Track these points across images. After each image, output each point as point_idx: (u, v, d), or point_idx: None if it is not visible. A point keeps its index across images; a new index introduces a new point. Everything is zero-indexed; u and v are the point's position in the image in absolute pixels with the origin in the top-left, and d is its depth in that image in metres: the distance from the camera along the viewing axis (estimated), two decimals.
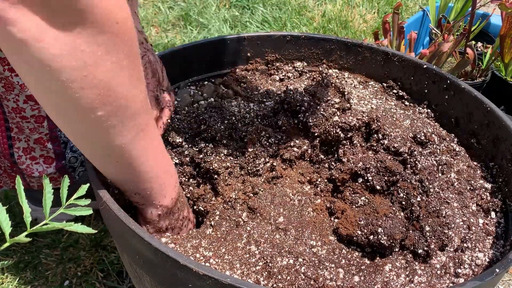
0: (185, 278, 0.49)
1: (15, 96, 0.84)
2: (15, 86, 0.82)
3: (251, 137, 0.72)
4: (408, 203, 0.65)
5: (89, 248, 1.04)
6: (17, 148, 0.92)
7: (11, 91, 0.83)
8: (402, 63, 0.88)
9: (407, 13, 2.15)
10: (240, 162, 0.70)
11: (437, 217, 0.63)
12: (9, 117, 0.87)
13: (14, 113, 0.86)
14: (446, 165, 0.71)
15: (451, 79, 0.81)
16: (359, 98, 0.86)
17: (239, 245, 0.60)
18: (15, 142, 0.91)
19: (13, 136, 0.90)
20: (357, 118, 0.74)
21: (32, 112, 0.88)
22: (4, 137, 0.90)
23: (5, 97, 0.83)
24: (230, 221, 0.64)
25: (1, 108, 0.86)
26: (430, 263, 0.60)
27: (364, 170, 0.68)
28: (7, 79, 0.81)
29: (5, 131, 0.89)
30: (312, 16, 2.06)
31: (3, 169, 0.97)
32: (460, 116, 0.80)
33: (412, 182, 0.67)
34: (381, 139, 0.73)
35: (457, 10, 1.55)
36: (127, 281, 0.98)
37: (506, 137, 0.70)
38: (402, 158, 0.70)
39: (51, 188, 0.48)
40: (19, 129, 0.90)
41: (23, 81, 0.45)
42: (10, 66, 0.80)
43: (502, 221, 0.67)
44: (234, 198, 0.67)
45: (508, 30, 1.23)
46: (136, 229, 0.51)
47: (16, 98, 0.85)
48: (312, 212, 0.67)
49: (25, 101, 0.86)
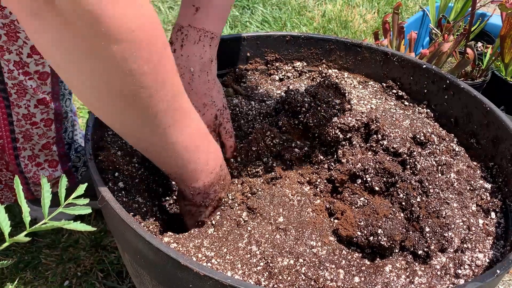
0: (186, 278, 0.49)
1: (26, 102, 0.85)
2: (28, 90, 0.83)
3: (256, 136, 0.72)
4: (408, 204, 0.65)
5: (89, 248, 1.04)
6: (23, 157, 0.93)
7: (23, 96, 0.83)
8: (402, 63, 0.88)
9: (407, 13, 2.15)
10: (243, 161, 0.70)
11: (437, 217, 0.63)
12: (18, 125, 0.87)
13: (24, 120, 0.87)
14: (446, 166, 0.71)
15: (450, 79, 0.81)
16: (358, 98, 0.86)
17: (240, 245, 0.60)
18: (20, 152, 0.92)
19: (18, 147, 0.91)
20: (356, 119, 0.74)
21: (42, 115, 0.89)
22: (10, 148, 0.90)
23: (16, 104, 0.84)
24: (231, 220, 0.64)
25: (9, 118, 0.86)
26: (430, 264, 0.60)
27: (362, 171, 0.68)
28: (20, 84, 0.81)
29: (11, 142, 0.89)
30: (312, 16, 2.06)
31: (4, 183, 0.97)
32: (460, 116, 0.80)
33: (411, 182, 0.67)
34: (381, 139, 0.73)
35: (457, 10, 1.55)
36: (127, 281, 0.98)
37: (505, 137, 0.71)
38: (402, 158, 0.70)
39: (49, 188, 0.48)
40: (25, 138, 0.90)
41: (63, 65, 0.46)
42: (24, 69, 0.80)
43: (502, 221, 0.67)
44: (231, 198, 0.67)
45: (508, 31, 1.23)
46: (137, 229, 0.51)
47: (28, 104, 0.85)
48: (311, 213, 0.67)
49: (36, 105, 0.86)
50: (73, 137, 0.99)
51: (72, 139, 0.99)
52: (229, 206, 0.66)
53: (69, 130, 0.97)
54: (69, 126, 0.96)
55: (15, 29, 0.75)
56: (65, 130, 0.95)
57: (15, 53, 0.78)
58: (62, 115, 0.92)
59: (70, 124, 0.96)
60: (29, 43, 0.78)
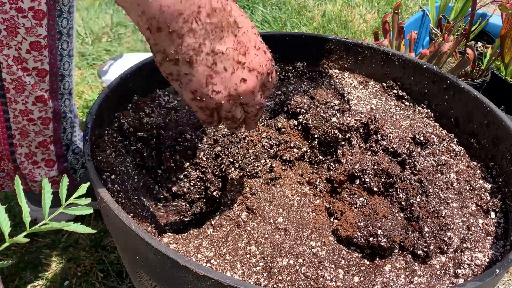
0: (185, 278, 0.49)
1: (24, 98, 0.85)
2: (26, 86, 0.83)
3: (252, 138, 0.72)
4: (408, 204, 0.65)
5: (89, 248, 1.04)
6: (19, 154, 0.93)
7: (21, 92, 0.83)
8: (402, 63, 0.88)
9: (407, 13, 2.15)
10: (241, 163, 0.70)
11: (436, 217, 0.63)
12: (14, 121, 0.87)
13: (21, 116, 0.87)
14: (446, 166, 0.71)
15: (451, 79, 0.81)
16: (359, 98, 0.86)
17: (240, 245, 0.60)
18: (16, 148, 0.92)
19: (15, 143, 0.91)
20: (355, 119, 0.74)
21: (39, 113, 0.88)
22: (6, 144, 0.90)
23: (14, 99, 0.84)
24: (230, 221, 0.64)
25: (5, 115, 0.86)
26: (430, 264, 0.60)
27: (361, 171, 0.68)
28: (19, 80, 0.82)
29: (7, 138, 0.89)
30: (312, 16, 2.06)
31: (6, 172, 0.97)
32: (460, 116, 0.80)
33: (411, 182, 0.67)
34: (380, 139, 0.73)
35: (457, 10, 1.55)
36: (127, 281, 0.98)
37: (506, 137, 0.70)
38: (401, 159, 0.70)
39: (50, 188, 0.49)
40: (22, 135, 0.90)
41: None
42: (22, 65, 0.80)
43: (502, 221, 0.67)
44: (231, 199, 0.67)
45: (508, 31, 1.23)
46: (136, 230, 0.51)
47: (25, 100, 0.85)
48: (311, 213, 0.68)
49: (34, 103, 0.86)
50: (71, 138, 0.99)
51: (71, 140, 0.99)
52: (228, 206, 0.66)
53: (68, 131, 0.97)
54: (68, 127, 0.96)
55: (15, 24, 0.76)
56: (64, 130, 0.96)
57: (14, 48, 0.78)
58: (61, 114, 0.92)
59: (69, 125, 0.96)
60: (28, 39, 0.78)
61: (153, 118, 0.76)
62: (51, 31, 0.80)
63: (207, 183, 0.75)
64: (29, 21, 0.76)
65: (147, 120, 0.75)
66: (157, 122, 0.76)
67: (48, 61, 0.83)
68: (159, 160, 0.75)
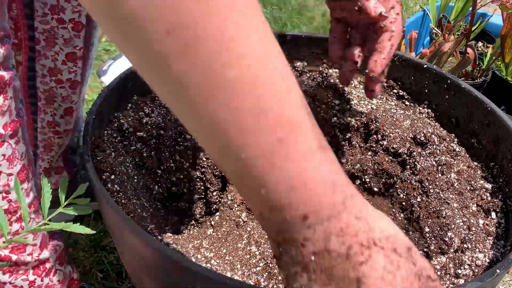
0: (185, 279, 0.49)
1: (53, 110, 0.86)
2: (57, 98, 0.83)
3: None
4: (408, 204, 0.65)
5: (88, 249, 1.04)
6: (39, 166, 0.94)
7: (51, 104, 0.84)
8: (403, 62, 0.88)
9: (407, 13, 2.15)
10: None
11: (437, 217, 0.63)
12: (41, 132, 0.88)
13: (48, 128, 0.88)
14: (446, 166, 0.71)
15: (451, 79, 0.81)
16: (359, 98, 0.86)
17: (240, 245, 0.60)
18: (38, 160, 0.92)
19: (38, 154, 0.92)
20: (356, 119, 0.74)
21: (66, 126, 0.90)
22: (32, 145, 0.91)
23: (43, 109, 0.84)
24: (230, 221, 0.64)
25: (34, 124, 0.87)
26: (430, 264, 0.60)
27: (361, 172, 0.68)
28: (50, 91, 0.82)
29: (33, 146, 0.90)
30: (312, 16, 2.06)
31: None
32: (461, 116, 0.80)
33: (412, 182, 0.66)
34: (380, 139, 0.72)
35: (457, 9, 1.55)
36: (126, 282, 0.98)
37: (506, 137, 0.70)
38: (402, 159, 0.70)
39: (49, 188, 0.48)
40: (46, 147, 0.91)
41: None
42: (56, 77, 0.81)
43: (502, 221, 0.67)
44: (230, 199, 0.67)
45: (509, 30, 1.23)
46: (136, 230, 0.51)
47: (54, 112, 0.86)
48: None
49: (62, 116, 0.87)
50: (78, 142, 1.01)
51: (77, 144, 1.01)
52: (228, 206, 0.66)
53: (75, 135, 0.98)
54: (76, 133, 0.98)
55: (54, 35, 0.76)
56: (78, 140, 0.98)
57: (50, 59, 0.78)
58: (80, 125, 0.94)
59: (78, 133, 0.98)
60: (65, 50, 0.78)
61: (152, 118, 0.76)
62: (87, 42, 0.81)
63: (207, 183, 0.75)
64: (68, 32, 0.76)
65: (147, 120, 0.75)
66: (157, 122, 0.76)
67: (81, 72, 0.84)
68: (158, 160, 0.75)
